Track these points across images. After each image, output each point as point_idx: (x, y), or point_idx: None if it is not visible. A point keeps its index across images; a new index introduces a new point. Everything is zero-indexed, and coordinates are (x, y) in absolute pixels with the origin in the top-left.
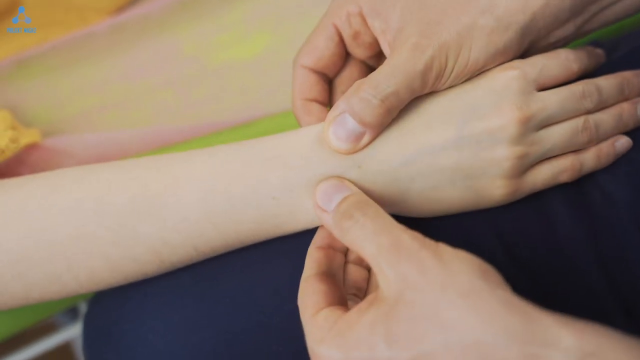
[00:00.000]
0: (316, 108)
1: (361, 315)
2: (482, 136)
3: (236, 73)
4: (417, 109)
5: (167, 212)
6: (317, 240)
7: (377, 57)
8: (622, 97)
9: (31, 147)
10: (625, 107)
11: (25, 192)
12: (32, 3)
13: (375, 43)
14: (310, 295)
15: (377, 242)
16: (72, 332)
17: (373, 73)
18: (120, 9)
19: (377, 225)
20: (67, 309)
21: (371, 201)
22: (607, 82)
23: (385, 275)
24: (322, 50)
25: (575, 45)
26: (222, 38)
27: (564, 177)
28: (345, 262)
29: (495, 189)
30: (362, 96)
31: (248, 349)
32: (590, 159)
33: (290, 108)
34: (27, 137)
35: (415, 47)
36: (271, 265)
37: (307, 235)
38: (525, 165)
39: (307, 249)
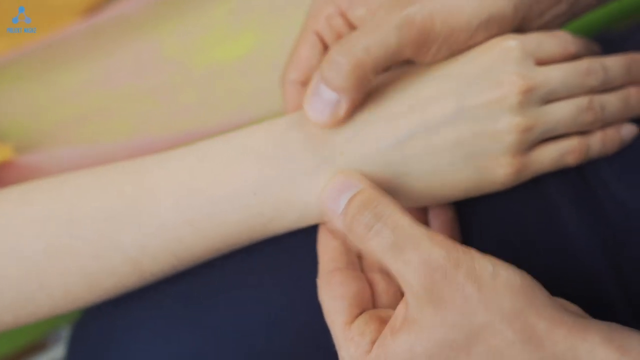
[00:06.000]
0: None
1: (396, 337)
2: (482, 109)
3: (222, 76)
4: (410, 85)
5: (145, 217)
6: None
7: None
8: (629, 78)
9: (3, 166)
10: (632, 91)
11: None
12: None
13: None
14: (339, 298)
15: (403, 259)
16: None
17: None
18: (93, 9)
19: (399, 237)
20: (48, 333)
21: (383, 198)
22: (613, 62)
23: (418, 296)
24: (308, 60)
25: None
26: (204, 38)
27: (571, 159)
28: None
29: (499, 167)
30: (330, 59)
31: None
32: (595, 142)
33: (280, 110)
34: None
35: (393, 7)
36: (266, 288)
37: (302, 248)
38: (530, 141)
39: (303, 264)
